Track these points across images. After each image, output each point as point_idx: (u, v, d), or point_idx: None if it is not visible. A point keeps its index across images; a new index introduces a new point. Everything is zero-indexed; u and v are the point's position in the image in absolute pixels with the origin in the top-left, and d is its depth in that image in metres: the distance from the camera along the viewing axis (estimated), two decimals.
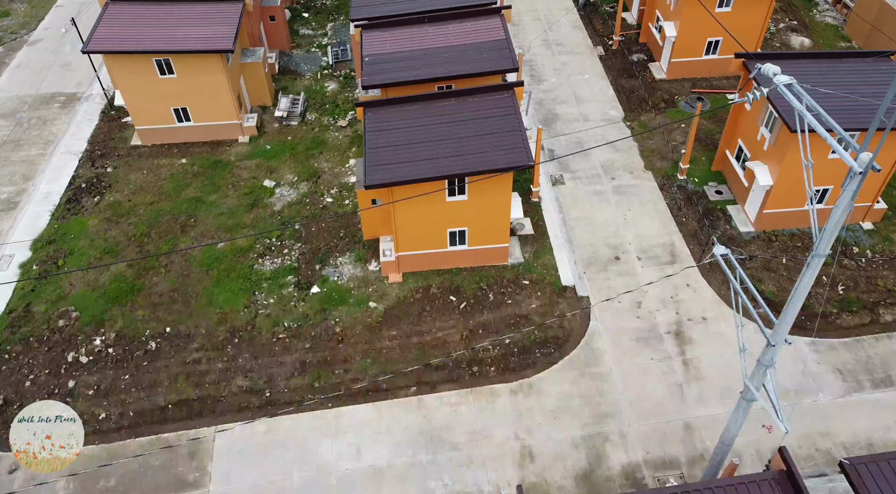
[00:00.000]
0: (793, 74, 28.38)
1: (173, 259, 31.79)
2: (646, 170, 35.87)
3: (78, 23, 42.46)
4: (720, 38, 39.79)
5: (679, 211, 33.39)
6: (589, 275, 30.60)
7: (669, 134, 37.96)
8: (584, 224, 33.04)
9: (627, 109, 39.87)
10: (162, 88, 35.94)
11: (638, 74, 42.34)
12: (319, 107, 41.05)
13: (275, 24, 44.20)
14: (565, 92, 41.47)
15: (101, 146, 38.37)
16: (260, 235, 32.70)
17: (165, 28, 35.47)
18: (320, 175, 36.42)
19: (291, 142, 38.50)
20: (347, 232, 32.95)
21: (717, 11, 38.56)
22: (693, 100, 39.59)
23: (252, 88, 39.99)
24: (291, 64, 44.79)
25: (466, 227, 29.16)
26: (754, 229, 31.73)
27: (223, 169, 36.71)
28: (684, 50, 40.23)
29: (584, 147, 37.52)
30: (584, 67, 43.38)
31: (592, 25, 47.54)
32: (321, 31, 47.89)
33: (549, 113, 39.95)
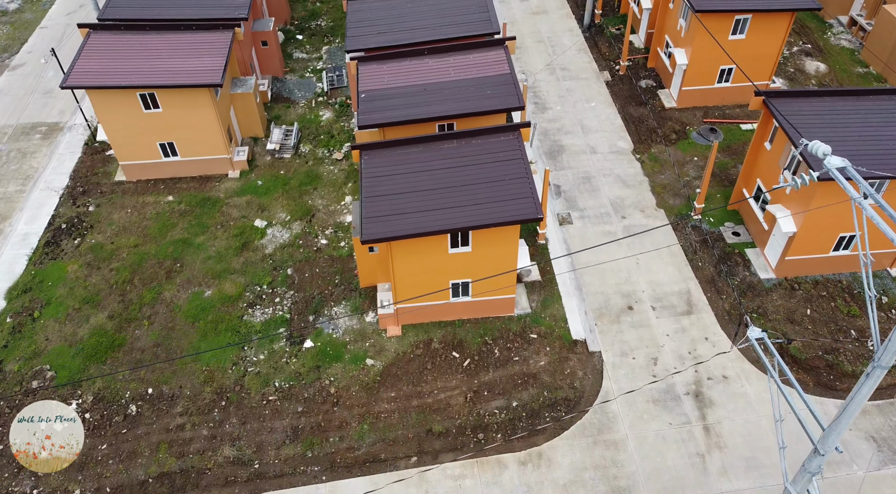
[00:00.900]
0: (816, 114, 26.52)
1: (157, 309, 29.82)
2: (658, 209, 33.99)
3: (63, 47, 40.67)
4: (733, 66, 37.98)
5: (694, 254, 31.54)
6: (601, 327, 28.70)
7: (681, 168, 36.09)
8: (595, 269, 31.15)
9: (637, 140, 38.01)
10: (147, 123, 34.01)
11: (647, 102, 40.52)
12: (314, 137, 39.14)
13: (267, 48, 42.32)
14: (571, 121, 39.62)
15: (84, 182, 36.41)
16: (250, 284, 30.81)
17: (150, 60, 33.53)
18: (314, 213, 34.50)
19: (284, 177, 36.58)
20: (343, 278, 31.03)
21: (731, 39, 36.73)
22: (706, 132, 37.76)
23: (243, 119, 38.08)
24: (285, 90, 42.90)
25: (470, 279, 27.29)
26: (775, 275, 29.88)
27: (212, 207, 34.76)
28: (696, 78, 38.40)
29: (591, 181, 35.65)
30: (590, 94, 41.54)
31: (598, 48, 45.72)
32: (316, 55, 45.99)
33: (555, 144, 38.08)
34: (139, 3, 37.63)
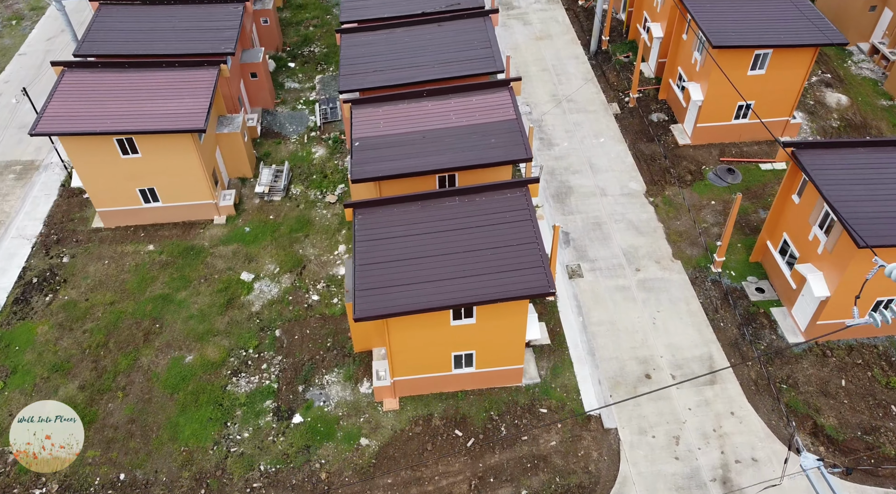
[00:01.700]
0: (850, 168, 23.93)
1: (133, 377, 27.42)
2: (674, 260, 31.68)
3: (41, 79, 38.28)
4: (752, 102, 35.69)
5: (715, 313, 29.19)
6: (616, 399, 26.35)
7: (698, 213, 33.77)
8: (608, 330, 28.81)
9: (649, 181, 35.68)
10: (125, 169, 31.64)
11: (659, 138, 38.21)
12: (305, 178, 36.77)
13: (257, 80, 39.95)
14: (579, 159, 37.30)
15: (59, 229, 33.99)
16: (235, 347, 28.41)
17: (128, 102, 31.13)
18: (305, 264, 32.12)
19: (273, 223, 34.20)
20: (336, 341, 28.65)
21: (751, 74, 34.46)
22: (723, 172, 35.45)
23: (230, 160, 35.71)
24: (275, 124, 40.53)
25: (474, 351, 24.93)
26: (804, 339, 27.58)
27: (195, 257, 32.37)
28: (712, 114, 36.10)
29: (602, 228, 33.32)
30: (599, 129, 39.23)
31: (606, 77, 43.43)
32: (308, 85, 43.64)
33: (563, 185, 35.75)
34: (118, 37, 35.28)
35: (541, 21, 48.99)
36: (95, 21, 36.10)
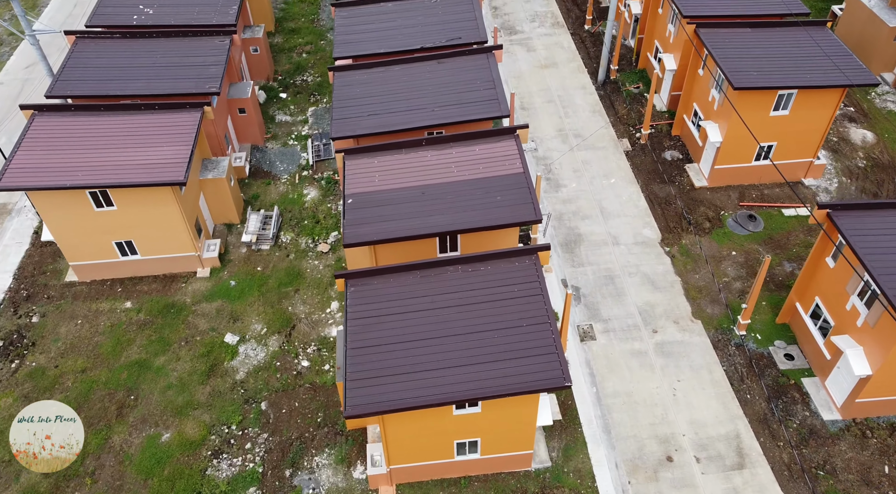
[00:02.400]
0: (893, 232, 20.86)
1: (104, 460, 24.95)
2: (694, 319, 29.30)
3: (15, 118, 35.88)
4: (774, 143, 33.35)
5: (741, 383, 26.82)
6: (635, 487, 23.94)
7: (718, 265, 31.40)
8: (624, 402, 26.42)
9: (664, 228, 33.31)
10: (99, 222, 29.23)
11: (673, 179, 35.84)
12: (296, 223, 34.37)
13: (245, 116, 37.60)
14: (589, 202, 34.93)
15: (29, 283, 31.57)
16: (217, 424, 25.97)
17: (102, 151, 28.72)
18: (295, 324, 29.71)
19: (261, 276, 31.80)
20: (327, 415, 26.23)
21: (773, 115, 32.13)
22: (744, 219, 33.09)
23: (215, 206, 33.30)
24: (265, 162, 38.13)
25: (479, 438, 22.55)
26: (841, 417, 25.20)
27: (176, 316, 29.96)
28: (731, 156, 33.74)
29: (615, 282, 30.94)
30: (608, 168, 36.86)
31: (614, 109, 41.08)
32: (301, 117, 41.25)
33: (572, 232, 33.38)
34: (95, 74, 32.87)
35: (545, 47, 46.65)
36: (71, 57, 33.68)
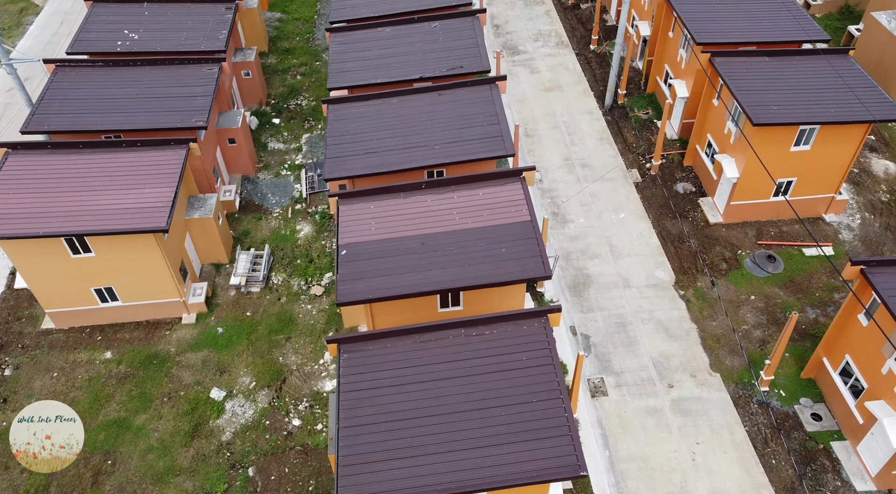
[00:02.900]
0: None
1: None
2: (713, 372, 27.44)
3: None
4: (794, 179, 31.53)
5: (765, 446, 24.94)
6: None
7: (736, 311, 29.56)
8: (640, 468, 24.55)
9: (678, 269, 31.47)
10: (76, 269, 27.35)
11: (686, 214, 34.01)
12: (289, 262, 32.51)
13: (235, 147, 35.76)
14: (597, 239, 33.08)
15: (3, 330, 29.61)
16: (200, 492, 24.02)
17: (80, 194, 26.86)
18: (286, 377, 27.83)
19: (251, 322, 29.92)
20: (319, 483, 24.29)
21: (794, 150, 30.33)
22: (762, 260, 31.23)
23: (202, 246, 31.42)
24: (256, 194, 36.26)
25: None
26: (876, 488, 23.35)
27: (159, 368, 28.07)
28: (748, 192, 31.89)
29: (627, 329, 29.10)
30: (618, 201, 35.01)
31: (622, 136, 39.24)
32: (294, 145, 39.38)
33: (580, 273, 31.53)
34: (74, 107, 31.00)
35: (549, 69, 44.83)
36: (49, 89, 31.84)
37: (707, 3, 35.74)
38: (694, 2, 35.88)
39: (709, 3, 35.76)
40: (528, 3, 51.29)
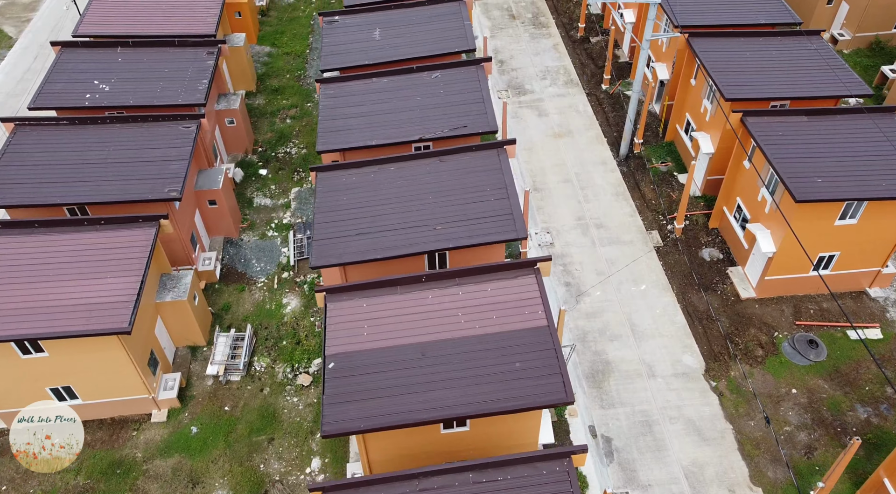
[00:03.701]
0: None
1: None
2: (754, 486, 24.08)
3: None
4: (837, 253, 28.31)
5: None
6: None
7: (776, 407, 26.26)
8: None
9: (708, 353, 28.19)
10: (28, 369, 23.90)
11: (714, 286, 30.76)
12: (273, 344, 29.21)
13: (216, 209, 32.49)
14: (617, 317, 29.81)
15: None
16: None
17: (31, 286, 23.51)
18: (267, 490, 24.50)
19: (229, 418, 26.59)
20: None
21: (838, 224, 27.11)
22: (803, 344, 27.93)
23: (176, 330, 28.14)
24: (239, 259, 32.96)
25: None
26: None
27: (123, 478, 24.66)
28: (785, 267, 28.66)
29: (653, 430, 25.81)
30: (638, 270, 31.75)
31: (640, 190, 35.99)
32: (283, 200, 36.09)
33: (598, 359, 28.25)
34: (33, 177, 27.64)
35: (559, 111, 41.61)
36: (6, 152, 28.54)
37: (735, 51, 32.59)
38: (720, 49, 32.74)
39: (737, 51, 32.61)
40: (534, 36, 48.17)
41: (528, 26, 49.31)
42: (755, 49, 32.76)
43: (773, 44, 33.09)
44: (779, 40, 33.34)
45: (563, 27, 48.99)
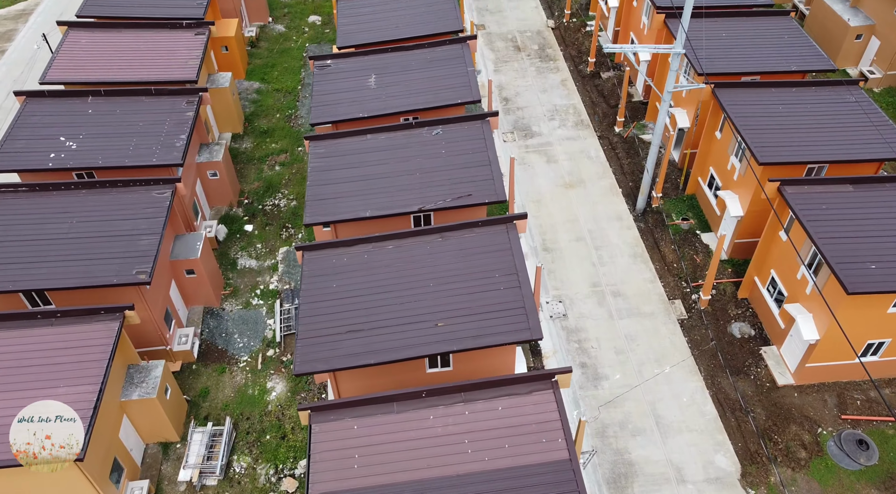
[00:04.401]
0: None
1: None
2: None
3: None
4: (888, 340, 25.26)
5: None
6: None
7: None
8: None
9: (743, 453, 25.05)
10: None
11: (747, 369, 27.67)
12: (255, 439, 26.09)
13: (195, 278, 29.40)
14: (639, 406, 26.72)
15: None
16: None
17: None
18: None
19: None
20: None
21: (891, 312, 24.03)
22: (851, 444, 24.79)
23: (144, 427, 25.01)
24: (220, 334, 29.82)
25: None
26: None
27: None
28: (828, 354, 25.62)
29: None
30: (661, 348, 28.68)
31: (659, 251, 32.95)
32: (269, 262, 33.00)
33: (620, 459, 25.13)
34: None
35: (569, 157, 38.58)
36: None
37: (766, 105, 29.58)
38: (750, 102, 29.74)
39: (768, 105, 29.61)
40: (541, 71, 45.19)
41: (535, 59, 46.35)
42: (788, 102, 29.76)
43: (808, 95, 30.07)
44: (814, 91, 30.33)
45: (571, 60, 46.04)
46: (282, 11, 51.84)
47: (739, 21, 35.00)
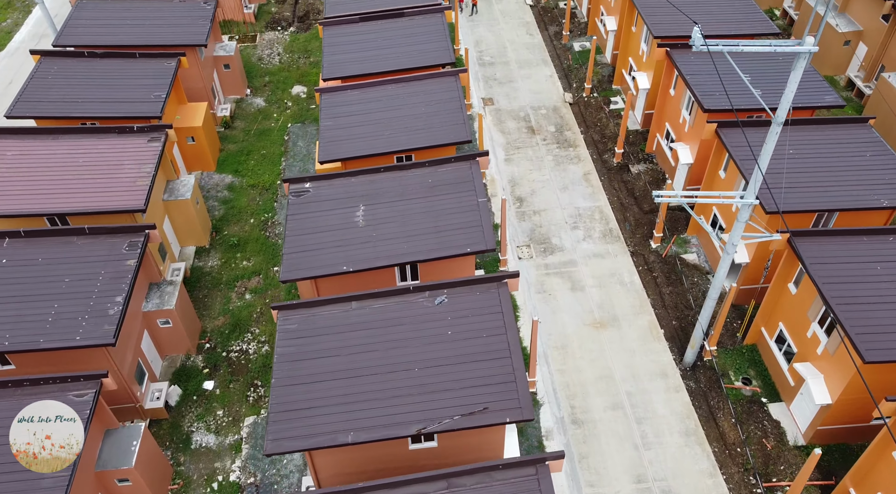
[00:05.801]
0: None
1: None
2: None
3: None
4: None
5: None
6: None
7: None
8: None
9: None
10: None
11: None
12: None
13: (130, 486, 22.84)
14: None
15: None
16: None
17: None
18: None
19: None
20: None
21: None
22: None
23: None
24: None
25: None
26: None
27: None
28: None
29: None
30: None
31: (717, 426, 26.24)
32: (231, 437, 26.32)
33: None
34: None
35: (598, 282, 32.14)
36: None
37: (859, 262, 23.16)
38: (833, 254, 23.32)
39: (862, 262, 23.19)
40: (559, 160, 38.87)
41: (552, 144, 40.03)
42: (882, 257, 23.36)
43: None
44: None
45: (594, 146, 39.74)
46: (262, 81, 45.44)
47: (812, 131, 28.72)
